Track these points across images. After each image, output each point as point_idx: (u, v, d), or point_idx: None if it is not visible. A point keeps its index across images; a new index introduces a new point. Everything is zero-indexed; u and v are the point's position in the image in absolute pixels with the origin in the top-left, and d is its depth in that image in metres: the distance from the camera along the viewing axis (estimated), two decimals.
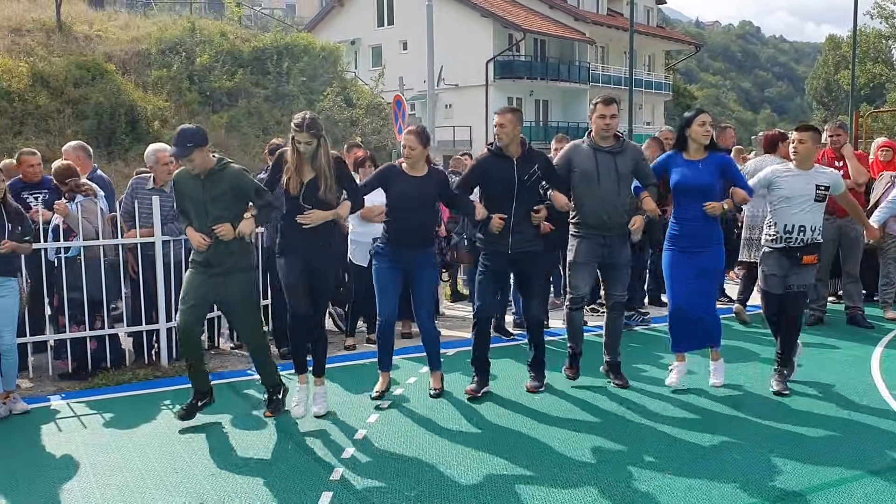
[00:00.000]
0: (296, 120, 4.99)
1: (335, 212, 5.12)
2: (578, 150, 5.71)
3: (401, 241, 5.45)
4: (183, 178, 5.06)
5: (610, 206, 5.56)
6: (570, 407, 5.46)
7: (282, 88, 25.85)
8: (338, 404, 5.54)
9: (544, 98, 37.49)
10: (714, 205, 5.46)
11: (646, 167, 5.74)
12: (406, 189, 5.39)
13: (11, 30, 24.98)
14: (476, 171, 5.68)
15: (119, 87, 23.15)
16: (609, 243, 5.64)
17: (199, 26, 26.95)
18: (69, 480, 4.30)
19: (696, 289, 5.65)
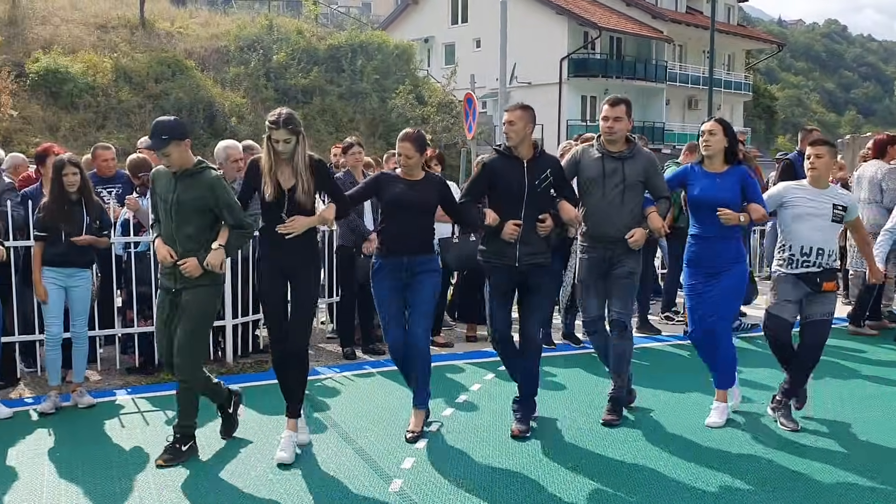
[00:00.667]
0: (271, 117, 4.43)
1: (320, 216, 4.62)
2: (586, 154, 5.24)
3: (399, 248, 4.96)
4: (160, 175, 4.59)
5: (615, 217, 5.08)
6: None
7: (355, 86, 26.01)
8: (401, 409, 5.42)
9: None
10: (729, 213, 4.99)
11: (658, 178, 5.22)
12: (402, 193, 4.94)
13: (98, 26, 25.78)
14: (483, 175, 5.07)
15: (198, 83, 23.67)
16: (610, 256, 5.13)
17: (277, 24, 27.36)
18: (127, 479, 4.28)
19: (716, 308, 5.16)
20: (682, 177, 5.33)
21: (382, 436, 4.93)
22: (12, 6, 25.14)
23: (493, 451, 4.69)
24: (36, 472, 4.35)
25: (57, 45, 23.09)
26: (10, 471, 4.38)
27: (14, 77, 21.16)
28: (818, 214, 5.07)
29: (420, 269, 4.97)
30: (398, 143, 4.98)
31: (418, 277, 4.96)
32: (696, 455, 4.63)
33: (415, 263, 4.95)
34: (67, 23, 25.30)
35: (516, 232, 4.84)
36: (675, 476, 4.32)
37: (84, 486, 4.18)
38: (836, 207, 5.09)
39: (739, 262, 5.19)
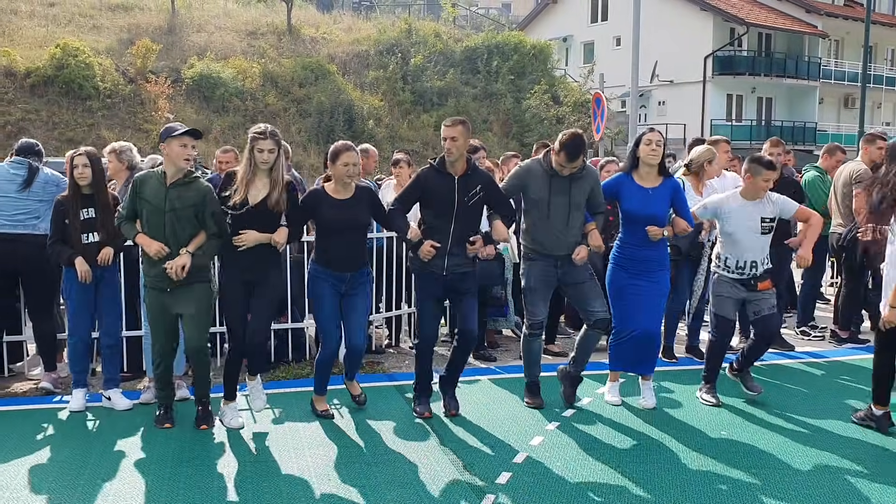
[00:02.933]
0: (257, 129, 4.87)
1: (270, 237, 4.94)
2: (532, 173, 5.34)
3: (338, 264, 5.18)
4: (148, 180, 4.90)
5: (560, 236, 5.28)
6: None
7: (490, 87, 26.12)
8: (503, 419, 5.36)
9: (768, 95, 35.06)
10: (656, 229, 5.31)
11: (598, 194, 5.41)
12: (334, 213, 5.09)
13: (248, 33, 27.15)
14: (416, 186, 5.26)
15: (339, 86, 24.46)
16: (562, 265, 5.35)
17: (416, 27, 27.88)
18: (220, 479, 4.40)
19: (645, 306, 5.47)
20: (616, 188, 5.48)
21: (483, 447, 4.87)
22: (171, 15, 26.87)
23: (597, 470, 4.55)
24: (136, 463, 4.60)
25: (210, 52, 24.48)
26: (115, 457, 4.64)
27: (171, 82, 22.61)
28: (747, 230, 5.43)
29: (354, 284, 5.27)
30: (349, 152, 5.08)
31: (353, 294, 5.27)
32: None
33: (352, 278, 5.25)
34: (220, 30, 26.77)
35: (431, 254, 5.05)
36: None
37: (173, 483, 4.34)
38: (763, 220, 5.44)
39: (664, 269, 5.52)
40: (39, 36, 23.89)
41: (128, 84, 22.54)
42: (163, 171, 4.91)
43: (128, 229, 4.96)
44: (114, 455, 4.67)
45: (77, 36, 23.67)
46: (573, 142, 5.11)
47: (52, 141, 19.42)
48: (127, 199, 4.96)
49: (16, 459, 4.59)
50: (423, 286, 5.34)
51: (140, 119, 21.73)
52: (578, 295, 5.43)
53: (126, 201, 4.98)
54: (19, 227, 5.67)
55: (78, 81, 21.47)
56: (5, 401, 5.70)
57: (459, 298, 5.33)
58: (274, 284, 5.12)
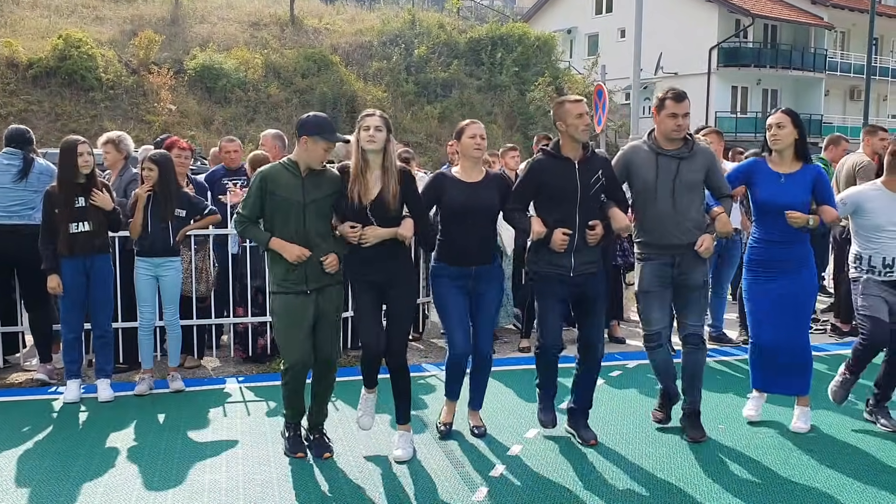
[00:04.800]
0: (366, 112, 4.42)
1: (394, 230, 4.39)
2: (638, 153, 4.78)
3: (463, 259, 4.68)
4: (276, 174, 4.37)
5: (674, 222, 4.67)
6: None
7: (494, 79, 26.02)
8: (498, 411, 5.33)
9: (773, 87, 34.89)
10: (798, 215, 4.68)
11: (718, 176, 4.82)
12: (463, 196, 4.63)
13: (251, 24, 27.06)
14: (532, 177, 4.67)
15: (342, 77, 24.40)
16: (679, 263, 4.73)
17: (419, 18, 27.76)
18: (213, 472, 4.39)
19: (784, 322, 4.88)
20: (748, 173, 4.95)
21: (479, 438, 4.85)
22: (174, 6, 26.80)
23: (592, 464, 4.52)
24: (129, 455, 4.57)
25: (213, 43, 24.41)
26: (106, 450, 4.62)
27: (173, 73, 22.57)
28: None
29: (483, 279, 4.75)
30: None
31: (482, 290, 4.76)
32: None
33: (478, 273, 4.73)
34: (223, 21, 26.70)
35: (566, 241, 4.52)
36: None
37: (163, 476, 4.33)
38: None
39: (808, 267, 4.91)
40: (42, 27, 23.83)
41: (130, 75, 22.50)
42: (290, 161, 4.40)
43: (256, 234, 4.41)
44: (106, 447, 4.66)
45: (80, 27, 23.62)
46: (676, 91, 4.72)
47: (54, 132, 19.40)
48: (248, 198, 4.39)
49: (7, 450, 4.59)
50: (546, 288, 4.70)
51: (143, 110, 21.70)
52: (682, 301, 4.83)
53: (247, 202, 4.38)
54: (14, 217, 5.65)
55: (80, 73, 21.43)
56: (0, 392, 5.69)
57: (587, 307, 4.74)
58: (409, 288, 4.63)
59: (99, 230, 5.40)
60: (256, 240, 4.50)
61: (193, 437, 4.85)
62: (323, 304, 4.43)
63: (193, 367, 6.36)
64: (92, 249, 5.39)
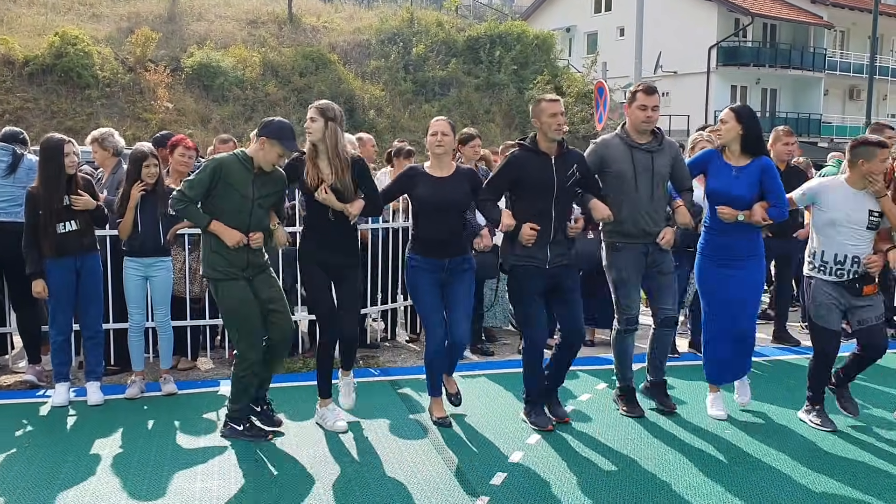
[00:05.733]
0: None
1: (344, 206, 4.67)
2: (610, 147, 4.99)
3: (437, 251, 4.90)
4: (231, 165, 4.53)
5: (650, 211, 4.93)
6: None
7: (493, 77, 25.89)
8: (498, 416, 5.20)
9: (772, 87, 34.77)
10: (726, 210, 4.90)
11: (683, 168, 5.09)
12: (432, 191, 4.83)
13: (248, 22, 26.90)
14: (509, 170, 4.82)
15: (340, 76, 24.25)
16: (652, 251, 5.01)
17: (418, 17, 27.62)
18: (205, 479, 4.26)
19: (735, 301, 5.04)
20: (703, 164, 5.15)
21: (478, 446, 4.71)
22: (172, 4, 26.64)
23: (596, 471, 4.39)
24: (119, 459, 4.44)
25: (210, 41, 24.25)
26: (94, 456, 4.48)
27: (170, 71, 22.41)
28: (853, 220, 4.80)
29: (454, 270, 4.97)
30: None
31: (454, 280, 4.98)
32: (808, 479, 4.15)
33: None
34: (221, 19, 26.54)
35: (533, 236, 4.69)
36: None
37: (150, 482, 4.21)
38: (871, 213, 4.79)
39: (755, 257, 5.05)
40: (38, 24, 23.66)
41: (127, 73, 22.34)
42: (245, 156, 4.58)
43: (195, 215, 4.52)
44: (94, 453, 4.52)
45: (76, 24, 23.45)
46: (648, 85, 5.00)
47: (50, 130, 19.16)
48: (196, 181, 4.47)
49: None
50: (523, 282, 4.85)
51: (139, 108, 21.54)
52: (656, 287, 5.11)
53: (194, 184, 4.46)
54: (2, 214, 5.52)
55: (77, 70, 21.26)
56: None
57: (565, 297, 4.91)
58: (356, 271, 4.91)
59: (87, 228, 5.27)
60: (195, 220, 4.60)
61: (185, 443, 4.71)
62: (259, 286, 4.66)
63: (187, 368, 6.23)
64: (81, 248, 5.25)
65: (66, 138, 5.24)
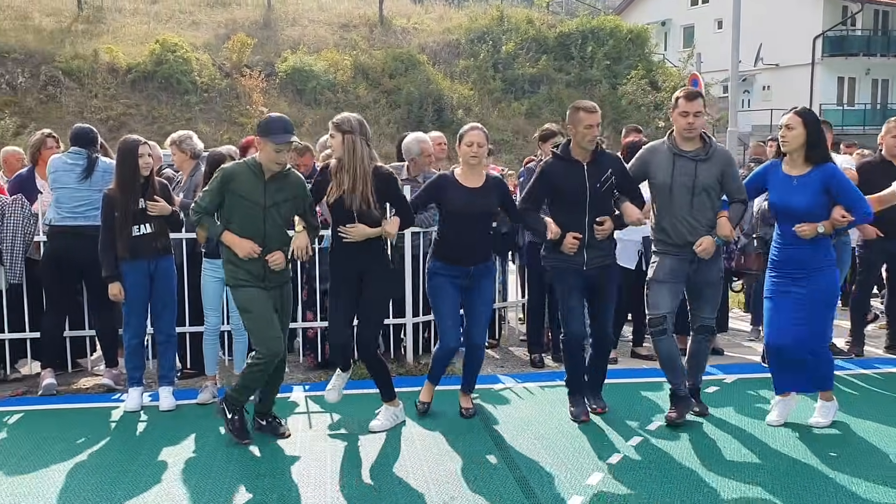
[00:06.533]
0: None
1: (379, 230, 4.70)
2: (656, 153, 4.93)
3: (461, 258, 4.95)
4: (239, 173, 4.48)
5: (689, 220, 4.81)
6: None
7: (584, 73, 25.43)
8: (578, 433, 4.93)
9: (883, 77, 32.90)
10: (805, 227, 4.64)
11: (734, 179, 4.88)
12: (463, 200, 4.89)
13: (340, 26, 27.23)
14: (543, 179, 4.95)
15: (428, 76, 24.24)
16: (697, 259, 4.86)
17: (507, 15, 27.40)
18: (264, 492, 4.15)
19: (799, 322, 4.76)
20: (764, 177, 4.93)
21: (556, 465, 4.42)
22: (267, 10, 27.23)
23: (689, 497, 4.06)
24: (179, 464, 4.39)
25: (303, 45, 24.66)
26: (159, 463, 4.43)
27: (265, 76, 22.87)
28: None
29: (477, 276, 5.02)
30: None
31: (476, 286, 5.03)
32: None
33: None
34: (314, 23, 26.95)
35: (576, 245, 4.80)
36: None
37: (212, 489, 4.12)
38: None
39: (825, 269, 4.77)
40: (141, 32, 24.55)
41: (224, 78, 22.93)
42: (255, 162, 4.52)
43: (210, 225, 4.53)
44: (159, 460, 4.47)
45: (176, 32, 24.23)
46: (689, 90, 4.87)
47: (151, 135, 19.82)
48: (207, 193, 4.50)
49: (58, 463, 4.43)
50: (563, 280, 5.00)
51: (235, 112, 22.06)
52: (696, 295, 5.05)
53: (207, 194, 4.50)
54: (80, 219, 5.56)
55: (176, 76, 21.95)
56: (67, 398, 5.62)
57: (598, 298, 5.06)
58: (381, 281, 4.81)
59: (161, 232, 5.26)
60: (210, 231, 4.58)
61: (251, 452, 4.61)
62: (278, 299, 4.63)
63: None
64: (155, 252, 5.25)
65: (141, 140, 5.23)
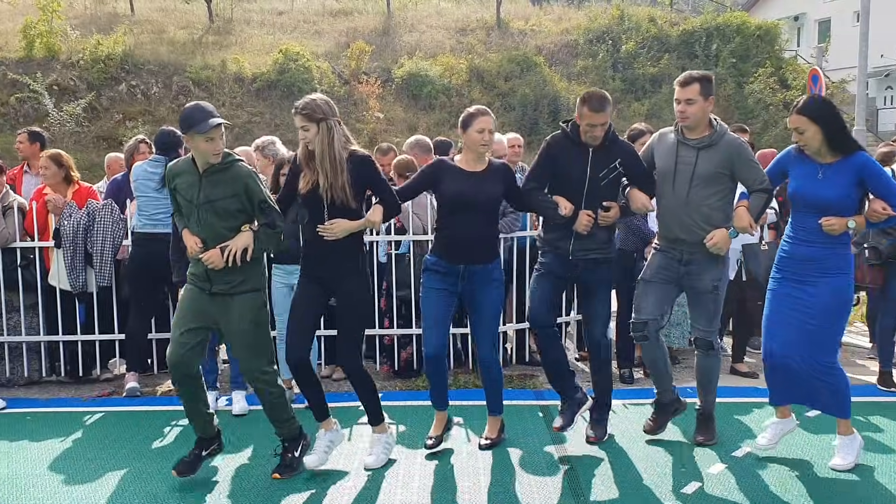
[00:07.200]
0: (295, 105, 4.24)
1: (366, 220, 4.25)
2: (663, 141, 4.61)
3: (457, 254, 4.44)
4: (181, 170, 4.13)
5: (682, 215, 4.44)
6: None
7: (709, 72, 24.36)
8: (661, 456, 4.57)
9: None
10: (833, 221, 4.12)
11: (748, 167, 4.40)
12: (460, 186, 4.38)
13: (457, 30, 27.33)
14: (548, 155, 4.53)
15: (545, 78, 23.95)
16: (688, 261, 4.49)
17: (628, 13, 26.73)
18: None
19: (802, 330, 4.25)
20: (783, 165, 4.46)
21: (624, 492, 4.12)
22: (387, 17, 27.67)
23: None
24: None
25: (420, 51, 24.88)
26: (215, 475, 4.40)
27: (381, 82, 23.22)
28: None
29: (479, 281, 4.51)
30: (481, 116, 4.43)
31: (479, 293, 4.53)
32: None
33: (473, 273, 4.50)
34: (431, 29, 27.17)
35: (590, 224, 4.42)
36: None
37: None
38: None
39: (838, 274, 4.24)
40: (267, 43, 25.44)
41: (343, 85, 23.43)
42: (194, 157, 4.13)
43: (179, 221, 4.31)
44: (223, 469, 4.46)
45: (300, 41, 24.96)
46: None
47: None
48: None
49: (118, 470, 4.49)
50: (544, 261, 4.68)
51: (353, 119, 22.46)
52: (690, 302, 4.67)
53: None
54: (159, 226, 5.68)
55: (298, 84, 22.58)
56: (148, 400, 5.74)
57: (586, 296, 4.71)
58: (356, 287, 4.29)
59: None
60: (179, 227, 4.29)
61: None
62: (227, 312, 4.08)
63: (341, 379, 6.12)
64: None
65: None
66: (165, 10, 27.97)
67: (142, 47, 24.04)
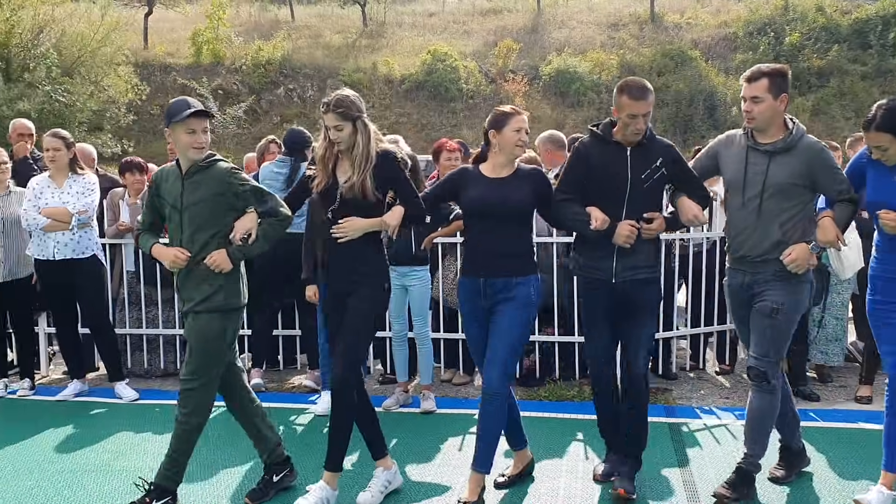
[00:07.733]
0: (324, 99, 3.80)
1: (381, 220, 3.81)
2: (730, 145, 3.97)
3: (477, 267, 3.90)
4: (166, 175, 3.83)
5: (750, 230, 3.83)
6: None
7: (884, 63, 22.53)
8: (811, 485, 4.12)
9: None
10: (892, 216, 3.58)
11: (830, 175, 3.78)
12: (483, 192, 3.86)
13: (609, 25, 26.70)
14: (579, 160, 3.93)
15: (700, 73, 22.98)
16: (750, 281, 3.87)
17: (793, 3, 25.17)
18: None
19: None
20: (861, 169, 3.81)
21: None
22: (536, 14, 27.43)
23: None
24: None
25: (569, 47, 24.48)
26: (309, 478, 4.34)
27: (528, 80, 23.01)
28: None
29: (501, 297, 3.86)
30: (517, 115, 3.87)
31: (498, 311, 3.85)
32: None
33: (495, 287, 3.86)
34: (582, 25, 26.69)
35: (633, 234, 3.78)
36: None
37: None
38: None
39: None
40: (417, 44, 25.86)
41: (489, 84, 23.44)
42: (178, 160, 3.85)
43: (143, 243, 3.96)
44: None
45: (448, 42, 25.21)
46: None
47: (420, 142, 20.84)
48: (145, 208, 4.01)
49: (225, 469, 4.51)
50: (587, 297, 4.07)
51: None
52: (752, 326, 3.91)
53: (145, 208, 4.03)
54: None
55: (445, 84, 22.82)
56: (271, 396, 5.80)
57: (627, 321, 3.97)
58: (365, 300, 3.82)
59: None
60: (142, 248, 4.01)
61: (412, 473, 4.37)
62: (191, 330, 3.75)
63: (462, 383, 5.97)
64: None
65: None
66: (322, 15, 29.03)
67: (299, 52, 25.04)
